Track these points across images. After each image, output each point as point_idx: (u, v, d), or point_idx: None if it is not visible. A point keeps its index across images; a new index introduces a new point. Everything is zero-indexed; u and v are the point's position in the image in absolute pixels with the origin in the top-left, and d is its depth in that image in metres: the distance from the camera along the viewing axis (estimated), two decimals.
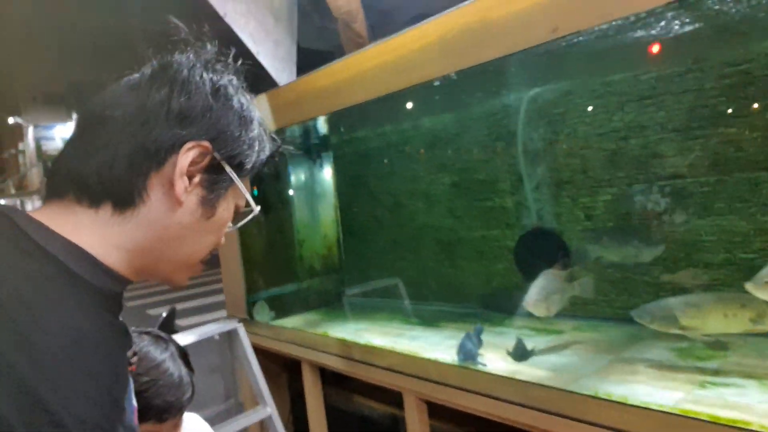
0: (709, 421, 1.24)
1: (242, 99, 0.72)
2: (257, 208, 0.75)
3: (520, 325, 2.49)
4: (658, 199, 2.19)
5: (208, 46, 0.72)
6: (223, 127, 0.68)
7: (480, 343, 2.14)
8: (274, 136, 0.79)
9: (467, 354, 2.05)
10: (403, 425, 2.52)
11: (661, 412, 1.34)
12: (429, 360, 2.07)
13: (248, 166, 0.72)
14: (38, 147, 21.33)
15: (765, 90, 1.86)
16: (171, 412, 1.11)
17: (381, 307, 3.01)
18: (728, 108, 1.96)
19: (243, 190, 0.72)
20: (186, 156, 0.65)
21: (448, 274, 2.93)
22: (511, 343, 2.18)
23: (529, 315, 2.51)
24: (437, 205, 2.93)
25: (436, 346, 2.30)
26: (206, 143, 0.66)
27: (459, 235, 2.86)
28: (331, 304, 3.23)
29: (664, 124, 2.13)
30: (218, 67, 0.72)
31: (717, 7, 1.70)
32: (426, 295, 2.99)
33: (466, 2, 1.68)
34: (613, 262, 2.29)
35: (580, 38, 1.56)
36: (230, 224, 0.75)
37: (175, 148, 0.65)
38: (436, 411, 2.10)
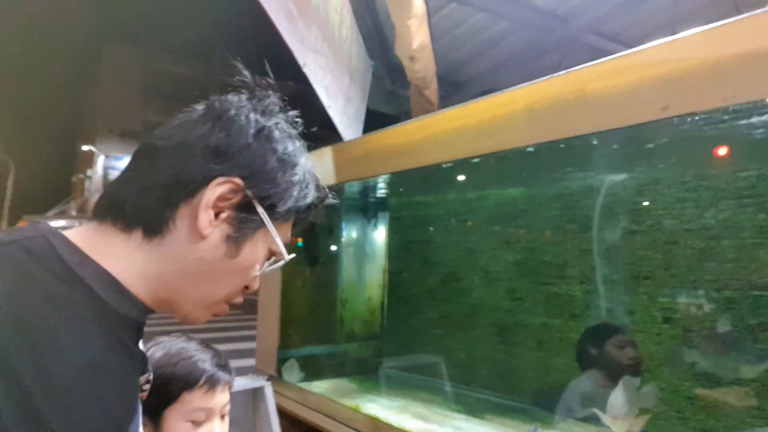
0: None
1: (288, 143, 0.71)
2: (288, 257, 0.72)
3: (578, 431, 2.20)
4: (751, 311, 1.93)
5: (272, 95, 0.73)
6: (259, 167, 0.68)
7: None
8: (322, 185, 0.77)
9: None
10: None
11: None
12: None
13: (282, 209, 0.70)
14: (105, 175, 22.51)
15: None
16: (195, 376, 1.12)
17: (420, 386, 2.77)
18: None
19: (273, 233, 0.70)
20: (214, 190, 0.65)
21: (500, 360, 2.68)
22: None
23: (595, 423, 2.23)
24: (496, 283, 2.73)
25: None
26: (238, 180, 0.66)
27: (517, 320, 2.63)
28: (367, 373, 3.01)
29: (764, 227, 1.91)
30: (273, 111, 0.72)
31: None
32: (472, 380, 2.74)
33: (559, 73, 1.58)
34: (704, 372, 2.01)
35: (677, 122, 1.41)
36: (258, 267, 0.72)
37: (206, 181, 0.65)
38: None
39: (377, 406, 2.46)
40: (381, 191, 3.09)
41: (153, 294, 0.67)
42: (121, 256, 0.64)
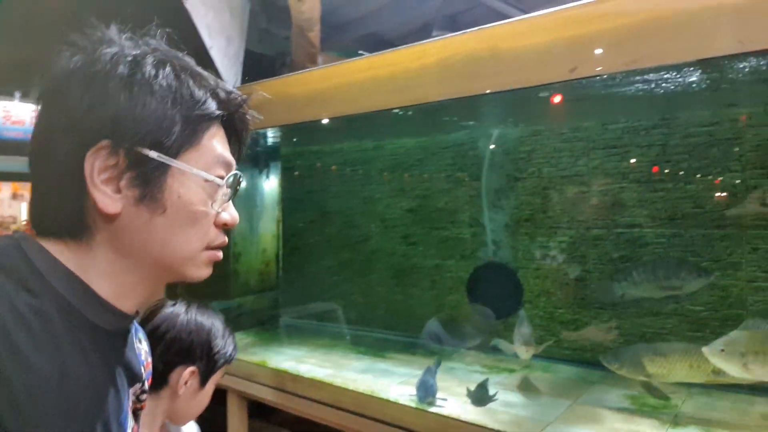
0: None
1: (136, 69, 0.62)
2: (218, 179, 0.66)
3: (470, 360, 2.45)
4: (615, 245, 2.26)
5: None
6: (112, 113, 0.60)
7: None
8: (221, 84, 0.68)
9: (429, 391, 1.95)
10: None
11: None
12: (383, 400, 1.93)
13: (172, 138, 0.62)
14: None
15: (726, 152, 1.98)
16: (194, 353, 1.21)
17: (322, 333, 2.84)
18: (689, 165, 2.07)
19: (184, 167, 0.63)
20: (91, 166, 0.60)
21: (398, 301, 2.84)
22: (465, 381, 2.12)
23: (484, 352, 2.48)
24: (392, 230, 2.84)
25: (387, 379, 2.19)
26: (104, 142, 0.60)
27: (412, 263, 2.78)
28: (266, 325, 3.01)
29: (627, 174, 2.22)
30: (100, 47, 0.63)
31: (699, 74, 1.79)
32: (372, 322, 2.87)
33: (472, 29, 1.64)
34: (576, 300, 2.33)
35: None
36: (211, 204, 0.67)
37: (79, 163, 0.59)
38: None
39: (284, 358, 2.48)
40: (272, 140, 2.99)
41: (122, 286, 0.64)
42: (81, 264, 0.61)
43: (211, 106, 0.66)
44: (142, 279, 0.65)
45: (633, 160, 2.20)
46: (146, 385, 0.73)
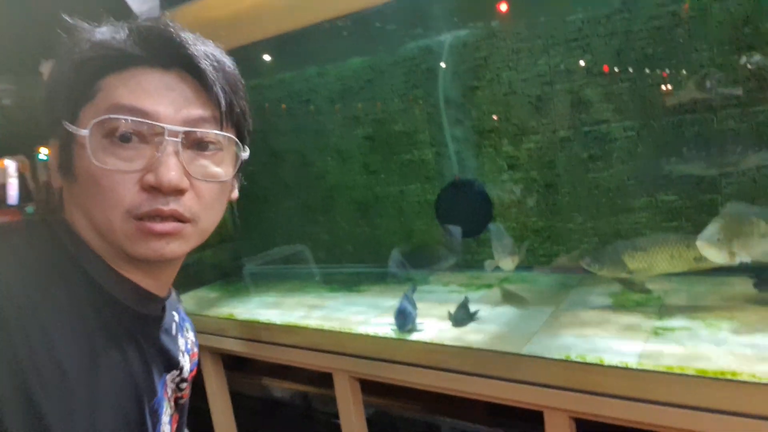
0: (696, 376, 1.20)
1: (64, 51, 0.61)
2: (78, 130, 0.59)
3: (447, 281, 2.38)
4: (583, 146, 2.17)
5: None
6: (45, 96, 0.61)
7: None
8: (138, 24, 0.62)
9: (408, 318, 1.87)
10: (315, 402, 2.31)
11: (638, 370, 1.29)
12: (363, 335, 1.84)
13: (66, 97, 0.59)
14: None
15: (691, 33, 1.87)
16: None
17: (290, 276, 2.72)
18: (654, 51, 1.95)
19: (76, 130, 0.58)
20: (52, 147, 0.62)
21: (365, 233, 2.72)
22: (445, 303, 2.06)
23: (461, 270, 2.41)
24: (350, 161, 2.67)
25: (364, 314, 2.10)
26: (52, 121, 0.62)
27: (375, 192, 2.65)
28: (229, 277, 2.86)
29: (590, 69, 2.10)
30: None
31: None
32: (341, 258, 2.76)
33: None
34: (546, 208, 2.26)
35: None
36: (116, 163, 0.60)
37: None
38: (366, 385, 1.91)
39: (253, 307, 2.36)
40: None
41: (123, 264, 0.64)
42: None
43: (99, 49, 0.58)
44: (115, 255, 0.63)
45: (595, 54, 2.07)
46: (187, 374, 0.72)
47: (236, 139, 0.68)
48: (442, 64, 2.35)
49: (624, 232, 2.13)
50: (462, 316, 1.84)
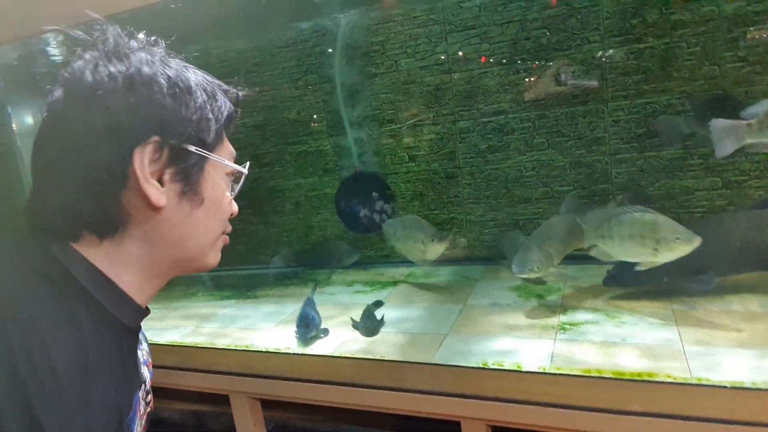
0: (613, 378, 1.19)
1: (167, 72, 0.65)
2: (245, 168, 0.74)
3: (350, 280, 2.26)
4: (482, 136, 2.14)
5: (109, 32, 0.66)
6: (159, 113, 0.63)
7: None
8: (224, 86, 0.73)
9: (311, 325, 1.73)
10: (209, 421, 2.11)
11: (555, 375, 1.26)
12: (262, 353, 1.67)
13: (211, 135, 0.67)
14: None
15: (583, 21, 1.89)
16: None
17: (175, 283, 2.44)
18: (548, 40, 1.95)
19: (221, 160, 0.69)
20: (140, 162, 0.61)
21: (259, 231, 2.51)
22: (348, 304, 1.94)
23: (362, 267, 2.31)
24: (238, 151, 2.43)
25: (263, 322, 1.92)
26: (154, 138, 0.62)
27: (269, 186, 2.44)
28: None
29: (487, 57, 2.05)
30: (125, 49, 0.64)
31: None
32: (233, 260, 2.52)
33: None
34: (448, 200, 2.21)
35: None
36: (228, 194, 0.72)
37: (126, 160, 0.61)
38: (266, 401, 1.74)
39: None
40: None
41: (145, 278, 0.66)
42: (106, 260, 0.64)
43: (229, 106, 0.71)
44: (162, 272, 0.67)
45: (492, 42, 2.02)
46: (149, 384, 0.75)
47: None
48: (338, 49, 2.19)
49: (522, 223, 2.15)
50: (370, 325, 1.72)
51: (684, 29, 1.77)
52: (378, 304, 1.88)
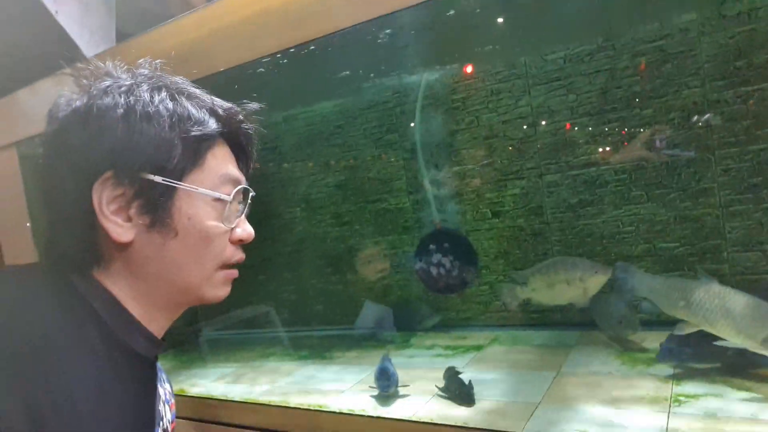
0: None
1: (129, 100, 0.63)
2: (225, 196, 0.65)
3: (429, 344, 2.13)
4: (572, 189, 2.01)
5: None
6: (110, 145, 0.61)
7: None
8: (213, 100, 0.68)
9: (392, 379, 1.62)
10: None
11: None
12: (338, 413, 1.56)
13: (174, 161, 0.62)
14: None
15: (680, 67, 1.77)
16: None
17: (253, 342, 2.42)
18: (641, 88, 1.84)
19: (194, 188, 0.63)
20: (98, 199, 0.60)
21: (337, 291, 2.47)
22: (428, 367, 1.81)
23: (443, 330, 2.18)
24: (320, 210, 2.45)
25: (338, 383, 1.82)
26: (107, 174, 0.60)
27: (348, 244, 2.42)
28: (184, 346, 2.54)
29: (574, 108, 1.97)
30: (93, 82, 0.65)
31: None
32: (310, 319, 2.48)
33: None
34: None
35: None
36: (221, 224, 0.66)
37: (87, 197, 0.60)
38: None
39: (207, 381, 2.05)
40: None
41: (151, 308, 0.65)
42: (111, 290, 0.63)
43: (210, 124, 0.66)
44: (165, 303, 0.65)
45: (579, 93, 1.94)
46: (168, 425, 0.73)
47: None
48: (418, 108, 2.20)
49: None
50: (465, 393, 1.55)
51: None
52: (453, 371, 1.72)
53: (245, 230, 0.68)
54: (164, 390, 0.77)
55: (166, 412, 0.76)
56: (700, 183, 1.79)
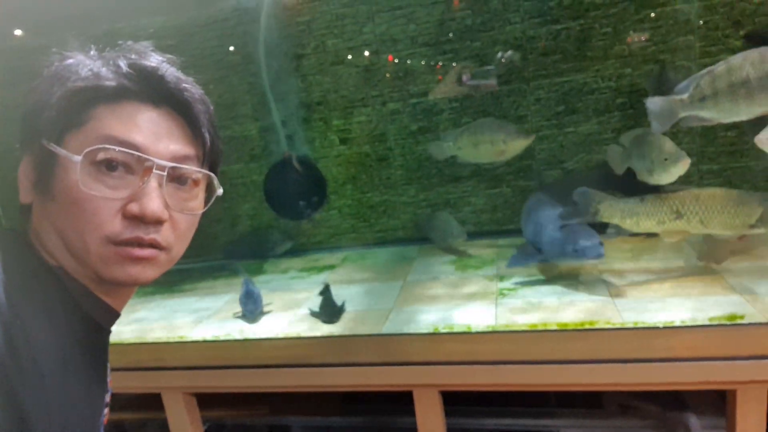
0: (558, 330, 1.25)
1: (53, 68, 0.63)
2: (70, 155, 0.59)
3: (284, 268, 2.19)
4: (412, 117, 2.16)
5: None
6: (24, 112, 0.63)
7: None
8: (144, 63, 0.63)
9: (258, 301, 1.67)
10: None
11: (504, 332, 1.30)
12: (198, 342, 1.57)
13: (43, 123, 0.61)
14: None
15: (505, 3, 1.96)
16: None
17: None
18: (473, 21, 2.01)
19: (55, 148, 0.60)
20: (24, 168, 0.64)
21: None
22: (287, 289, 1.89)
23: (296, 255, 2.26)
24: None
25: (192, 315, 1.81)
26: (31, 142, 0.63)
27: None
28: None
29: (415, 38, 2.08)
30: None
31: None
32: None
33: None
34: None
35: None
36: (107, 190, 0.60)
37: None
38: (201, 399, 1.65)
39: None
40: None
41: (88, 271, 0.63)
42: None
43: (97, 81, 0.60)
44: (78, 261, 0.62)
45: (419, 23, 2.05)
46: (109, 397, 0.70)
47: (215, 178, 0.69)
48: (262, 28, 2.11)
49: (453, 201, 2.20)
50: (330, 312, 1.65)
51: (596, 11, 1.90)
52: (326, 289, 1.81)
53: (141, 206, 0.60)
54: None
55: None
56: (518, 111, 2.06)
